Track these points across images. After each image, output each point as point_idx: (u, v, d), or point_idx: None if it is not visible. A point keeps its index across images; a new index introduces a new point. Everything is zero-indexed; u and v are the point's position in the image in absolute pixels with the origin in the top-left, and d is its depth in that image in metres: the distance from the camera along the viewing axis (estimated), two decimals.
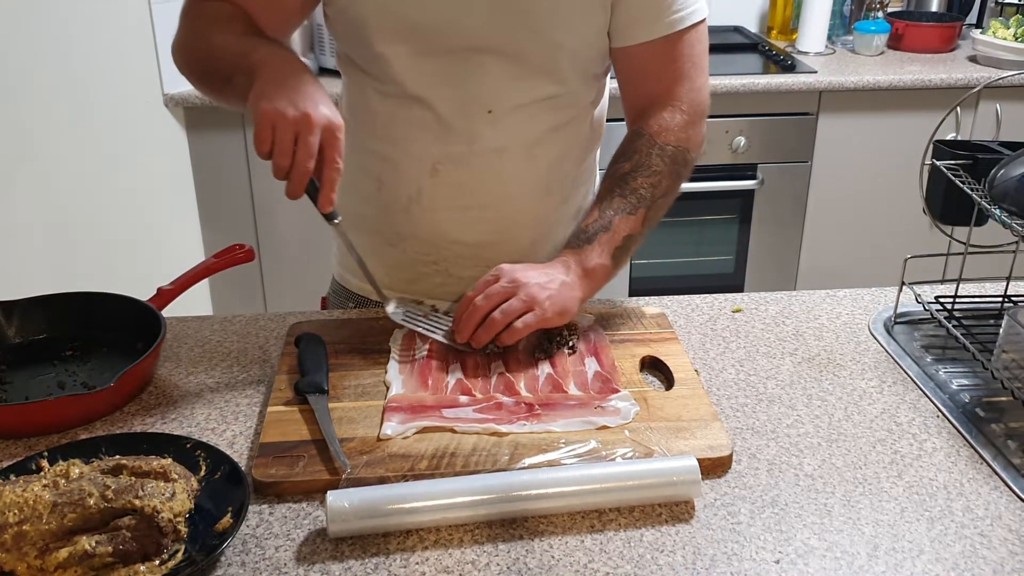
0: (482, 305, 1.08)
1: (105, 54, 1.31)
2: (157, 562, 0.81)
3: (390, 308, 1.16)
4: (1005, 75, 1.26)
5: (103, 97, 2.08)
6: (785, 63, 2.73)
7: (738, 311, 1.27)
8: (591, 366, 1.10)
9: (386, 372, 1.09)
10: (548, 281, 1.09)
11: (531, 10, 1.12)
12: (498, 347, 1.11)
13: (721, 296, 1.31)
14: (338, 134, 0.97)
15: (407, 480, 0.91)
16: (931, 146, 1.19)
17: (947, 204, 1.19)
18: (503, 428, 0.98)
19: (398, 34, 1.14)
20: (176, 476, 0.87)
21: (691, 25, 1.19)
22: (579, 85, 1.22)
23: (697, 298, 1.31)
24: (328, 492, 0.86)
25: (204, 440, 0.98)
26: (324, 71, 2.60)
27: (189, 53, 1.16)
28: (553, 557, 0.84)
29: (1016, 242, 1.12)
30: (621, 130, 1.29)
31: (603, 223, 1.15)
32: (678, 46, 1.19)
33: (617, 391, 1.05)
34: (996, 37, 2.76)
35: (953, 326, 1.17)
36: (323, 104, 0.98)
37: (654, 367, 1.13)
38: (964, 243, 1.19)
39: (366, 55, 1.18)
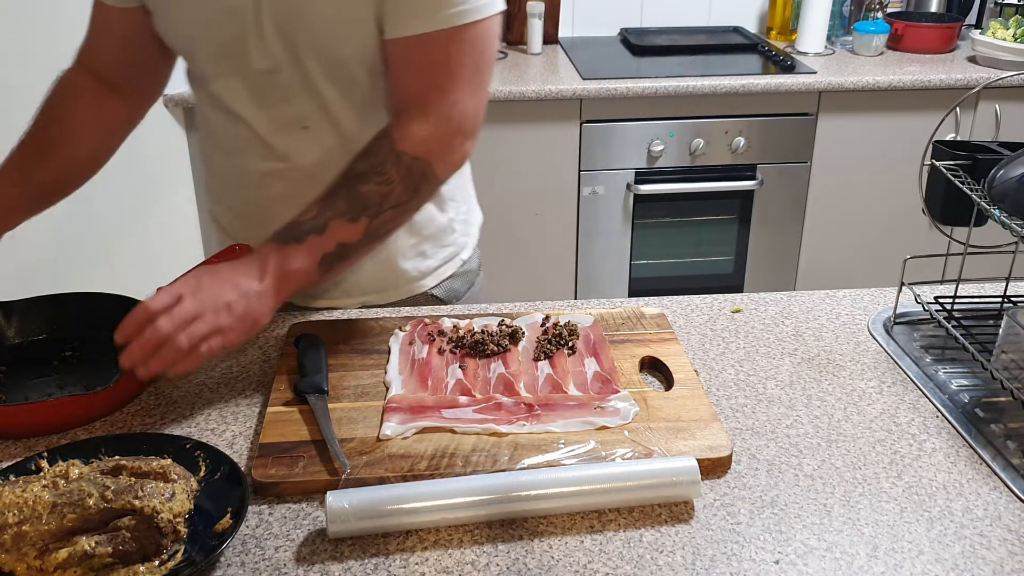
0: (166, 328, 0.94)
1: None
2: (157, 563, 0.81)
3: None
4: (1004, 75, 1.26)
5: None
6: (785, 63, 2.73)
7: (738, 311, 1.27)
8: (591, 366, 1.10)
9: (386, 372, 1.09)
10: (237, 299, 0.99)
11: (308, 26, 1.11)
12: (501, 347, 1.12)
13: (721, 296, 1.31)
14: None
15: (407, 480, 0.91)
16: (930, 146, 1.19)
17: (947, 204, 1.19)
18: (503, 428, 0.98)
19: (206, 57, 1.17)
20: (176, 477, 0.87)
21: (463, 25, 1.09)
22: (385, 90, 1.18)
23: (697, 298, 1.31)
24: (328, 492, 0.86)
25: (204, 440, 0.98)
26: None
27: None
28: (553, 557, 0.84)
29: (1015, 242, 1.12)
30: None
31: (318, 224, 1.07)
32: (444, 48, 1.10)
33: (617, 391, 1.05)
34: (995, 38, 2.76)
35: (952, 326, 1.17)
36: None
37: (654, 367, 1.13)
38: (963, 243, 1.19)
39: (193, 72, 1.24)
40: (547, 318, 1.20)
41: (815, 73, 2.65)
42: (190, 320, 0.95)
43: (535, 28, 2.85)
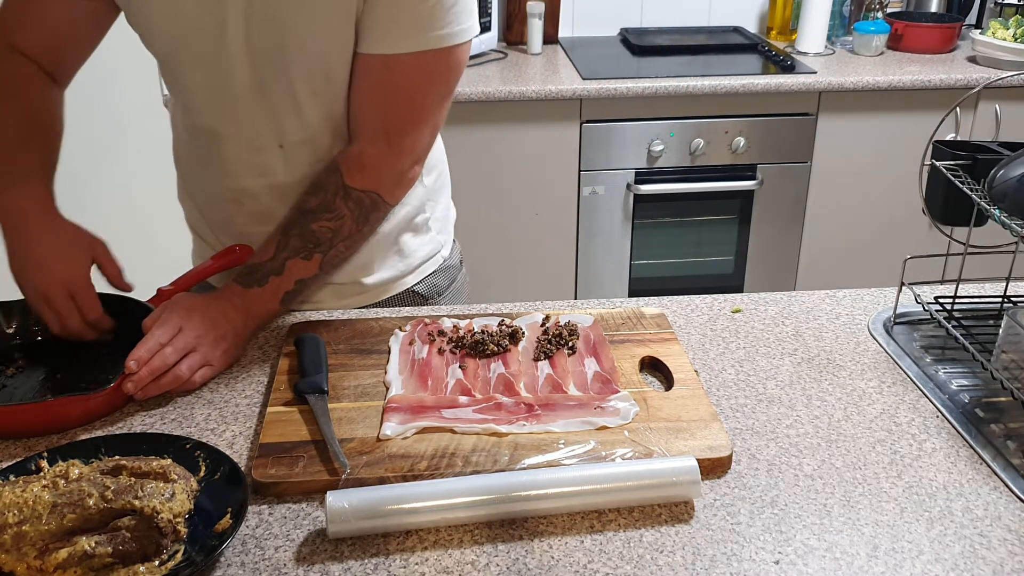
0: (172, 358, 1.05)
1: (105, 54, 1.32)
2: (157, 563, 0.81)
3: None
4: (1004, 75, 1.26)
5: (103, 97, 2.07)
6: (785, 63, 2.73)
7: (738, 311, 1.27)
8: (591, 366, 1.10)
9: (386, 372, 1.09)
10: (224, 335, 1.11)
11: (297, 41, 1.10)
12: (501, 347, 1.12)
13: (721, 296, 1.31)
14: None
15: (407, 480, 0.91)
16: (930, 146, 1.19)
17: (947, 204, 1.19)
18: (503, 428, 0.98)
19: (188, 71, 1.17)
20: (176, 477, 0.87)
21: (437, 50, 1.08)
22: None
23: (697, 298, 1.31)
24: (328, 492, 0.86)
25: (204, 440, 0.98)
26: None
27: None
28: (553, 557, 0.84)
29: (1016, 242, 1.12)
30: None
31: (276, 266, 1.14)
32: (405, 74, 1.09)
33: (617, 391, 1.05)
34: (995, 38, 2.76)
35: (953, 326, 1.17)
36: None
37: (654, 367, 1.13)
38: (964, 243, 1.19)
39: (172, 85, 1.23)
40: (547, 318, 1.20)
41: (815, 73, 2.65)
42: (189, 351, 1.07)
43: (535, 28, 2.85)
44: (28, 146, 1.19)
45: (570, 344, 1.14)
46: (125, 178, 2.21)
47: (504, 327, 1.17)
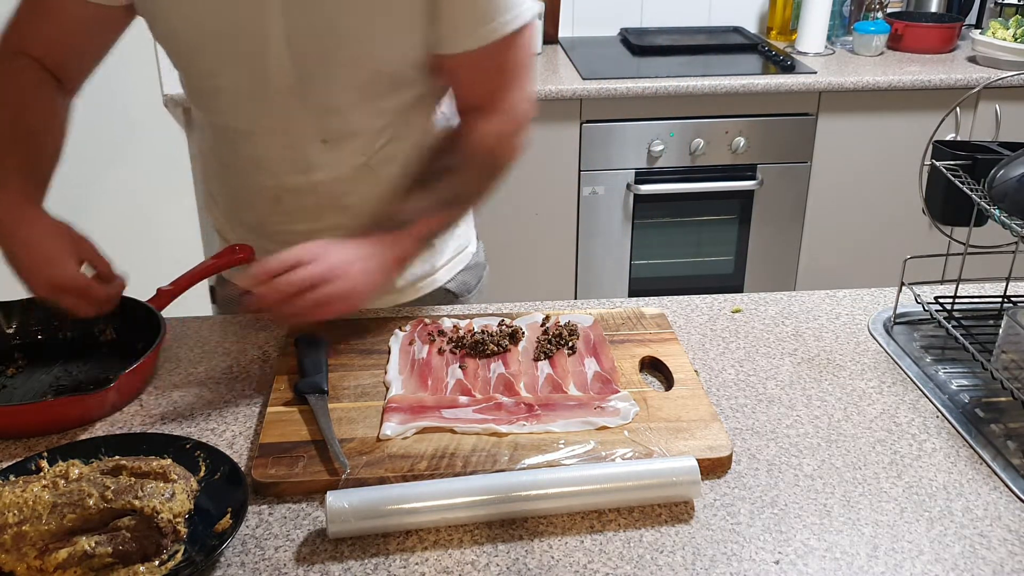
0: (302, 283, 1.00)
1: (107, 55, 1.34)
2: (157, 563, 0.81)
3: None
4: (1004, 75, 1.26)
5: (103, 97, 2.07)
6: (785, 63, 2.73)
7: (737, 311, 1.27)
8: (591, 366, 1.10)
9: (386, 372, 1.09)
10: (362, 285, 1.05)
11: (342, 41, 1.10)
12: (501, 347, 1.12)
13: (721, 296, 1.31)
14: None
15: (407, 480, 0.91)
16: (930, 146, 1.19)
17: (947, 204, 1.19)
18: (503, 428, 0.98)
19: (219, 72, 1.15)
20: (176, 477, 0.87)
21: (514, 32, 1.14)
22: (408, 101, 1.20)
23: (697, 298, 1.31)
24: (328, 493, 0.86)
25: (204, 440, 0.98)
26: None
27: None
28: (553, 557, 0.84)
29: (1015, 242, 1.12)
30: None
31: (409, 217, 1.14)
32: (501, 55, 1.16)
33: (617, 391, 1.05)
34: (995, 38, 2.76)
35: (953, 326, 1.17)
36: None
37: (654, 367, 1.13)
38: (964, 243, 1.19)
39: (196, 87, 1.21)
40: (547, 318, 1.20)
41: (815, 73, 2.65)
42: (321, 282, 1.01)
43: (535, 28, 2.85)
44: (12, 149, 1.16)
45: (570, 344, 1.14)
46: (129, 179, 2.21)
47: (504, 327, 1.17)
